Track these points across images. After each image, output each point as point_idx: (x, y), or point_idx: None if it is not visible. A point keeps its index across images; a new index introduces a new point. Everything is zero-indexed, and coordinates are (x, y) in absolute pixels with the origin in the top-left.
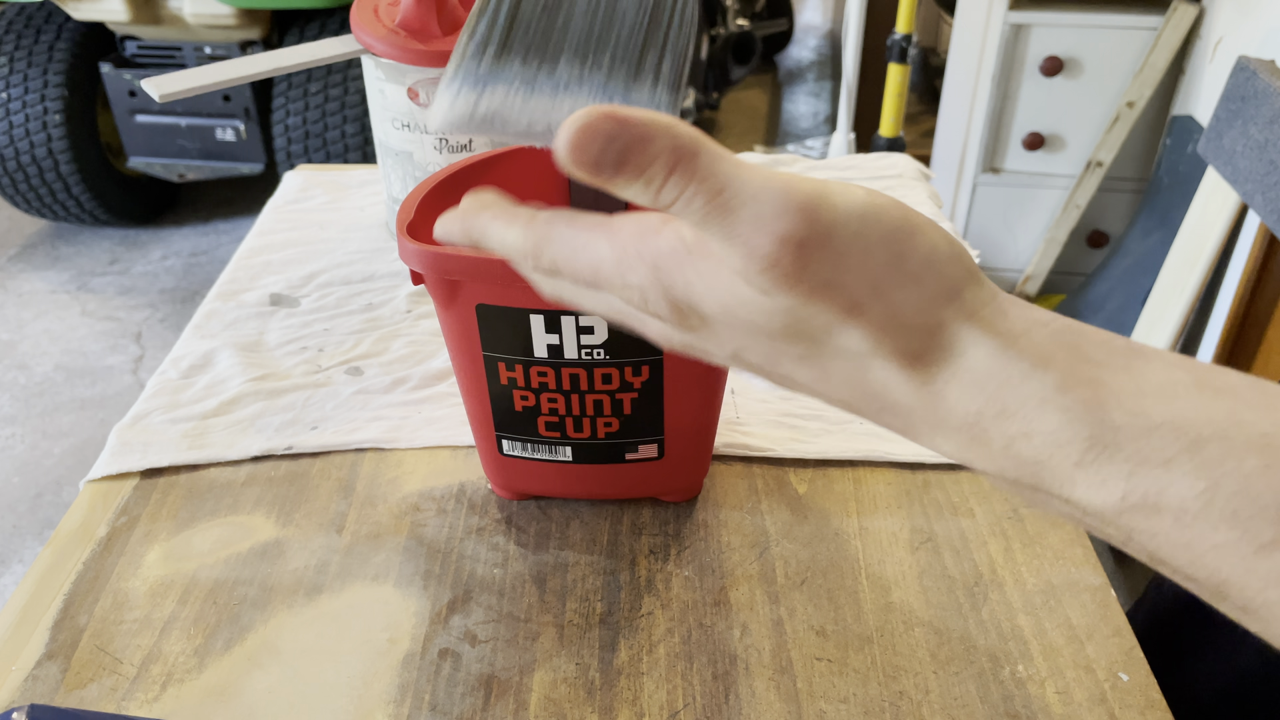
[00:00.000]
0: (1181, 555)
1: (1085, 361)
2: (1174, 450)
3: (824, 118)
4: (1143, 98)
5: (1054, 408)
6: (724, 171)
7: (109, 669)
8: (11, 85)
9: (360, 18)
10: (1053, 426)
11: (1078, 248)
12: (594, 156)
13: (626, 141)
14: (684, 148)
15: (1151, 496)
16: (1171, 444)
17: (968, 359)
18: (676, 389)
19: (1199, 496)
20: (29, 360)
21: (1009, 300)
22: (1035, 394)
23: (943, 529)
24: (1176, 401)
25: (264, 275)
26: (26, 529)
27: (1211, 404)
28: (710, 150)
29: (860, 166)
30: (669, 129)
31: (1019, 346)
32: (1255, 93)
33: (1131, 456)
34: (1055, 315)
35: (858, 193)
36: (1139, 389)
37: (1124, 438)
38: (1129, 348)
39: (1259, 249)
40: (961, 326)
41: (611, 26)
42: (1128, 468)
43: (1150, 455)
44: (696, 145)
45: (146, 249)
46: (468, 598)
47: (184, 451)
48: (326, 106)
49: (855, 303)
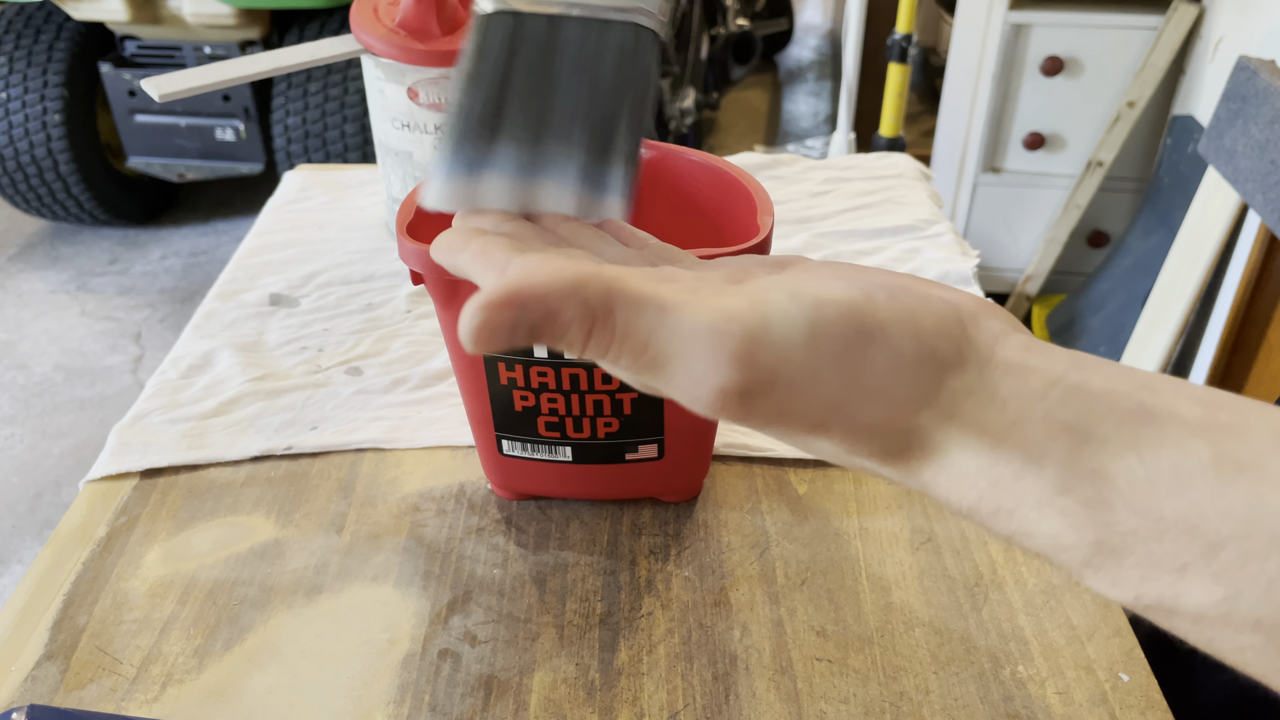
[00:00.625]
0: (1205, 647)
1: (1086, 444)
2: (1189, 555)
3: (824, 117)
4: (1143, 97)
5: (1054, 511)
6: (645, 326)
7: (108, 669)
8: (11, 85)
9: (360, 18)
10: (1054, 530)
11: (1078, 248)
12: (505, 341)
13: (532, 321)
14: (596, 309)
15: (1167, 601)
16: (1186, 548)
17: (951, 460)
18: None
19: (1218, 605)
20: (28, 360)
21: (1002, 370)
22: (1031, 496)
23: (943, 529)
24: (1191, 492)
25: (264, 275)
26: (26, 529)
27: (1230, 491)
28: (627, 304)
29: (860, 166)
30: (575, 293)
31: (1009, 442)
32: (1256, 92)
33: (1143, 561)
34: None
35: (803, 314)
36: (1148, 478)
37: (1133, 541)
38: (1140, 412)
39: (1259, 249)
40: (940, 429)
41: (590, 103)
42: (1139, 573)
43: (1163, 560)
44: (609, 302)
45: (146, 249)
46: (468, 598)
47: (183, 451)
48: (326, 106)
49: (817, 423)
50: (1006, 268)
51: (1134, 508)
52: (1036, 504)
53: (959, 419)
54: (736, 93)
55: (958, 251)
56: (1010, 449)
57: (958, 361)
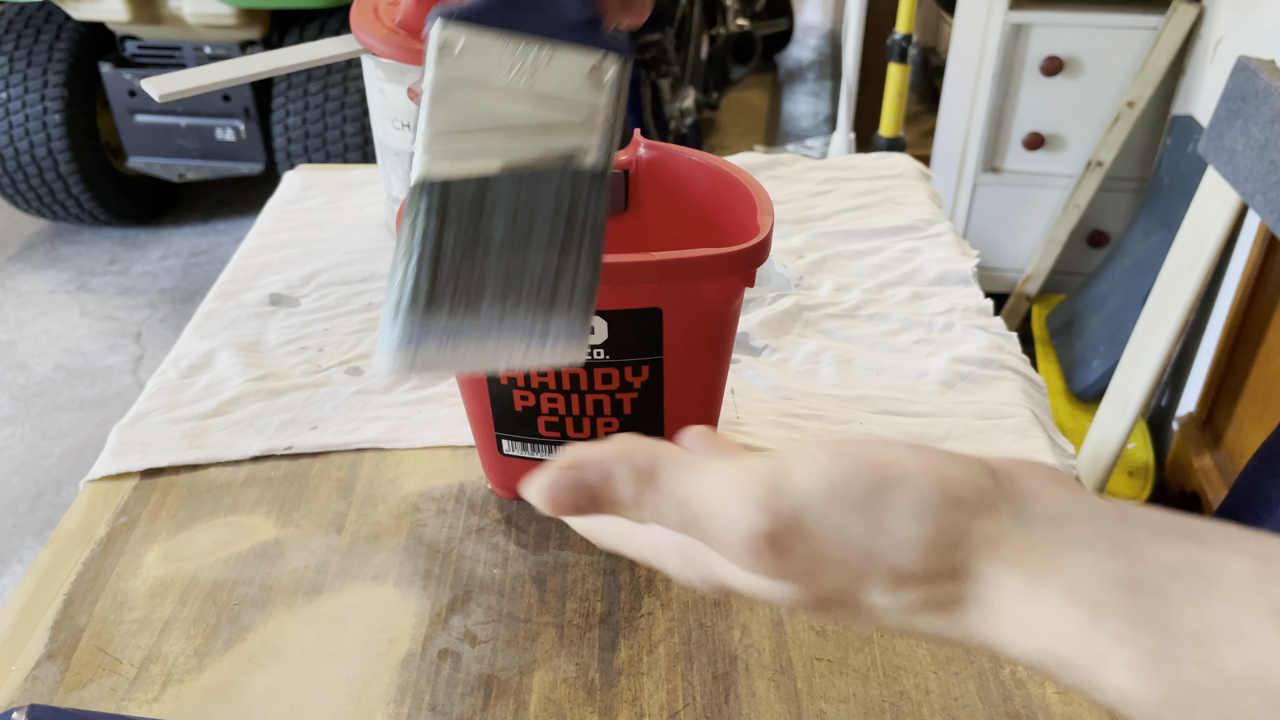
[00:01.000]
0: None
1: (1142, 596)
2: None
3: (824, 117)
4: (1143, 97)
5: (1116, 664)
6: (684, 483)
7: (109, 669)
8: (11, 85)
9: (360, 18)
10: (1118, 683)
11: (1078, 248)
12: (570, 506)
13: (590, 481)
14: (642, 470)
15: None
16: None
17: (1004, 606)
18: (676, 389)
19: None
20: (28, 360)
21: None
22: (1093, 648)
23: None
24: (1254, 644)
25: (264, 275)
26: (26, 529)
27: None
28: (668, 464)
29: (860, 166)
30: (626, 457)
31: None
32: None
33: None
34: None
35: (821, 466)
36: (1208, 631)
37: (1201, 697)
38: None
39: (1259, 249)
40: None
41: (526, 257)
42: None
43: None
44: (654, 464)
45: (146, 249)
46: (468, 598)
47: (184, 451)
48: (326, 106)
49: (857, 572)
50: (1006, 268)
51: (1198, 661)
52: (1099, 656)
53: (1001, 561)
54: (736, 93)
55: (957, 251)
56: (1064, 598)
57: (986, 506)
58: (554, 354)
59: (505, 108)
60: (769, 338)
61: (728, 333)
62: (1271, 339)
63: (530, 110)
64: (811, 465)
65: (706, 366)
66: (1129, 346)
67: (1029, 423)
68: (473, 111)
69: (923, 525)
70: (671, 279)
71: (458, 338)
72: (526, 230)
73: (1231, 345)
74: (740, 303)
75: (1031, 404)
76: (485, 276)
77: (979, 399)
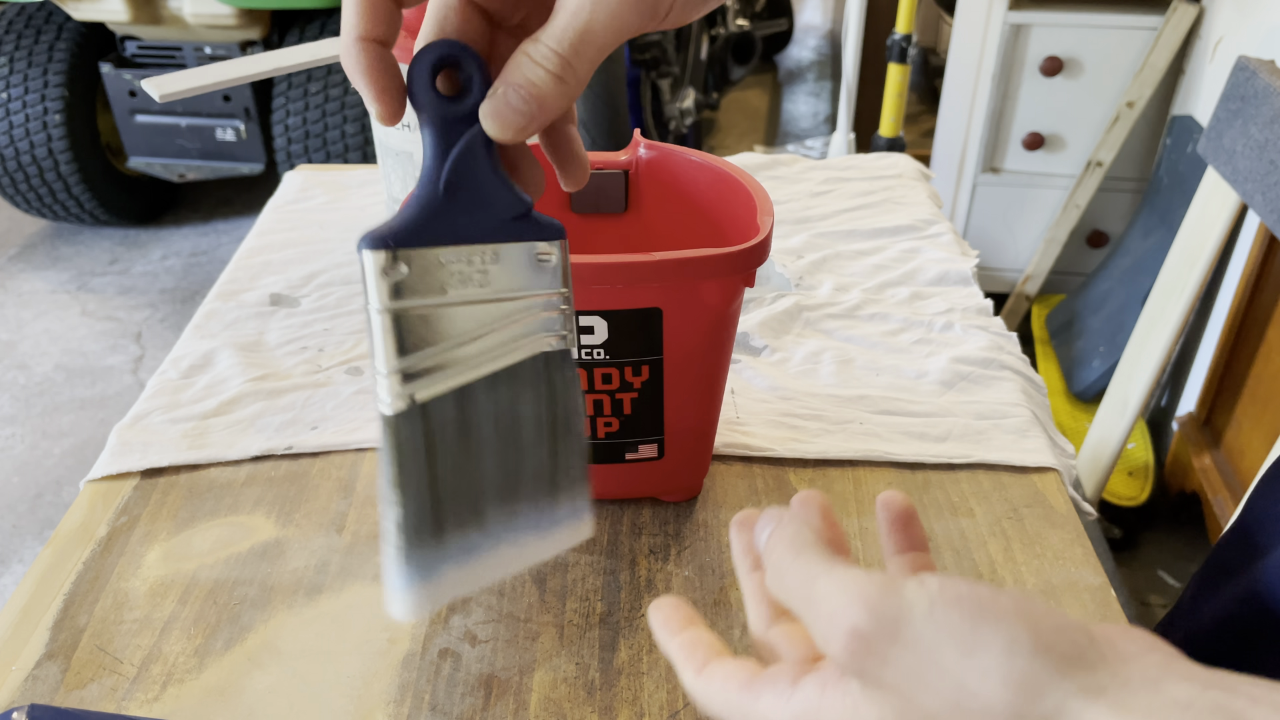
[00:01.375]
0: None
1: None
2: None
3: (824, 118)
4: (1143, 98)
5: None
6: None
7: (109, 669)
8: (11, 85)
9: None
10: None
11: (1078, 248)
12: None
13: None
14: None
15: None
16: None
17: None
18: (676, 389)
19: None
20: (29, 360)
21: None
22: None
23: (943, 529)
24: None
25: (264, 275)
26: (26, 529)
27: None
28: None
29: (860, 166)
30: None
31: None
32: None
33: None
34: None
35: (928, 588)
36: None
37: None
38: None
39: (1259, 249)
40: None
41: (520, 454)
42: None
43: None
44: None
45: (146, 249)
46: (467, 598)
47: (184, 451)
48: (326, 106)
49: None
50: (1006, 268)
51: None
52: None
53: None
54: (736, 93)
55: (957, 251)
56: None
57: (1079, 659)
58: (565, 539)
59: (463, 316)
60: (769, 338)
61: (728, 333)
62: (1271, 339)
63: (489, 312)
64: (919, 585)
65: (706, 366)
66: (1129, 346)
67: (1029, 423)
68: (432, 328)
69: (1012, 663)
70: (671, 279)
71: (470, 556)
72: (513, 427)
73: (1231, 345)
74: (740, 303)
75: (1031, 404)
76: (483, 486)
77: (979, 399)
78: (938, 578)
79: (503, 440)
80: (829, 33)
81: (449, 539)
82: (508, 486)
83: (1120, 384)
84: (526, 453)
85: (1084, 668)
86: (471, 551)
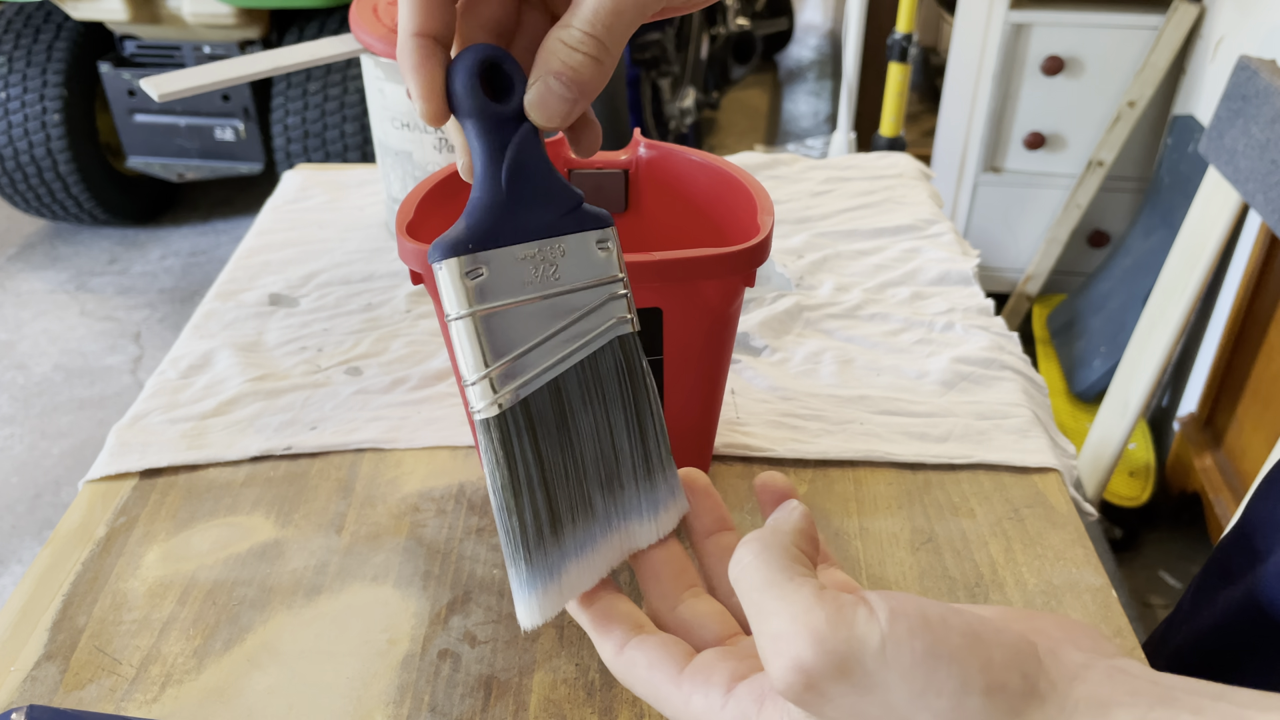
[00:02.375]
0: None
1: None
2: None
3: (824, 117)
4: (1144, 97)
5: None
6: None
7: (108, 670)
8: (11, 85)
9: (359, 17)
10: None
11: (1078, 247)
12: None
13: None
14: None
15: None
16: None
17: None
18: (676, 389)
19: None
20: (28, 360)
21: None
22: None
23: (943, 529)
24: None
25: (263, 275)
26: (25, 529)
27: None
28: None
29: (860, 166)
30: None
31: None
32: (1256, 92)
33: None
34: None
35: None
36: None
37: None
38: None
39: (1260, 249)
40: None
41: (613, 438)
42: None
43: None
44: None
45: (145, 249)
46: (467, 598)
47: (183, 452)
48: (326, 106)
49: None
50: (1007, 267)
51: None
52: None
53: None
54: (736, 92)
55: (958, 251)
56: None
57: (1030, 694)
58: (668, 519)
59: (543, 311)
60: (769, 338)
61: (728, 333)
62: (1273, 339)
63: (567, 303)
64: (869, 618)
65: (706, 366)
66: (1130, 346)
67: (1029, 423)
68: (515, 328)
69: (964, 707)
70: (672, 279)
71: (588, 549)
72: (604, 413)
73: (1232, 345)
74: (740, 303)
75: (1032, 404)
76: (587, 477)
77: (980, 399)
78: (887, 605)
79: (598, 428)
80: (829, 32)
81: (566, 534)
82: (609, 474)
83: (1121, 384)
84: (621, 438)
85: (1035, 702)
86: (589, 543)
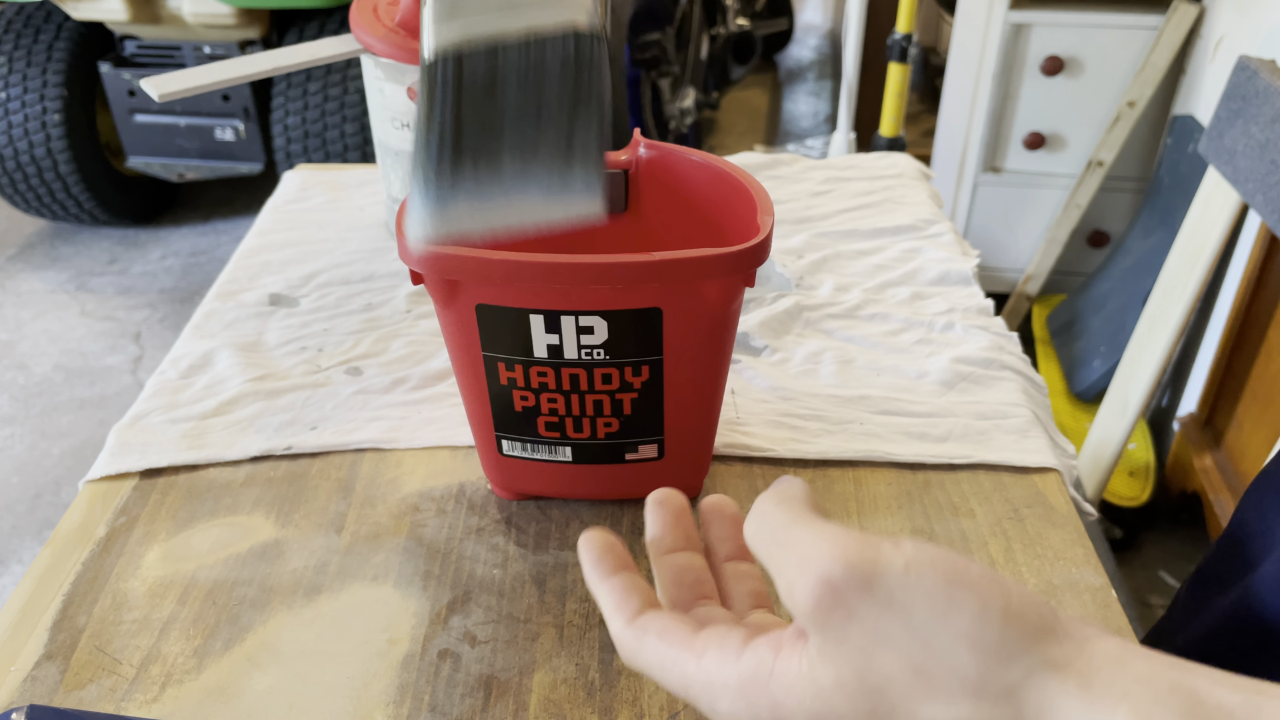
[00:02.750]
0: None
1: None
2: None
3: (824, 117)
4: (1143, 97)
5: None
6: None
7: (108, 669)
8: (11, 85)
9: (360, 17)
10: None
11: (1078, 247)
12: None
13: None
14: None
15: None
16: None
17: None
18: (676, 389)
19: None
20: (28, 360)
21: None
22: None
23: (943, 529)
24: None
25: (263, 275)
26: (25, 529)
27: None
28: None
29: (860, 166)
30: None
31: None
32: (1256, 92)
33: None
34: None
35: (904, 549)
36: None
37: None
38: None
39: (1260, 249)
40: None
41: (540, 117)
42: None
43: None
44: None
45: (145, 249)
46: (467, 598)
47: (183, 452)
48: (326, 106)
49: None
50: (1007, 268)
51: None
52: None
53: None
54: (736, 93)
55: (958, 251)
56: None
57: (1049, 631)
58: (573, 207)
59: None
60: (769, 338)
61: (728, 333)
62: (1272, 339)
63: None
64: (896, 546)
65: (706, 366)
66: (1130, 346)
67: (1029, 423)
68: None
69: (984, 629)
70: (672, 279)
71: (483, 195)
72: (537, 93)
73: (1232, 345)
74: (740, 303)
75: (1032, 404)
76: (503, 138)
77: (979, 399)
78: (912, 542)
79: (527, 102)
80: (829, 32)
81: (464, 174)
82: (526, 145)
83: (1121, 384)
84: (545, 119)
85: (1051, 640)
86: (484, 193)
